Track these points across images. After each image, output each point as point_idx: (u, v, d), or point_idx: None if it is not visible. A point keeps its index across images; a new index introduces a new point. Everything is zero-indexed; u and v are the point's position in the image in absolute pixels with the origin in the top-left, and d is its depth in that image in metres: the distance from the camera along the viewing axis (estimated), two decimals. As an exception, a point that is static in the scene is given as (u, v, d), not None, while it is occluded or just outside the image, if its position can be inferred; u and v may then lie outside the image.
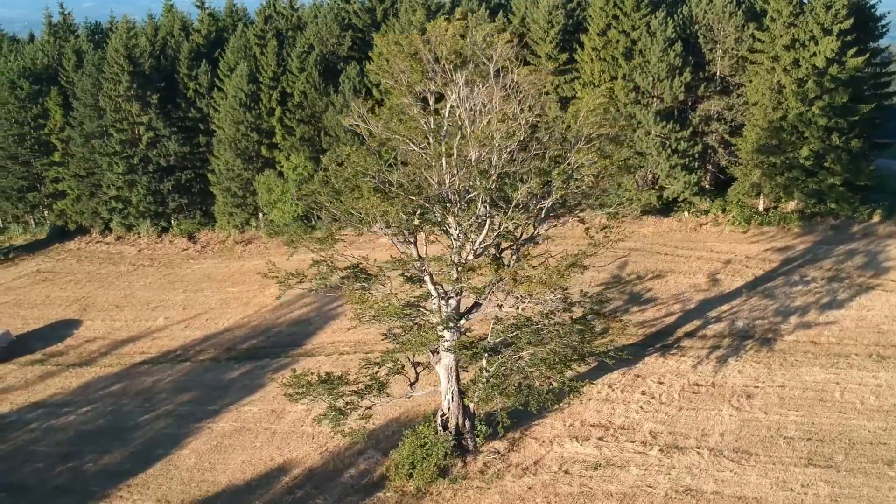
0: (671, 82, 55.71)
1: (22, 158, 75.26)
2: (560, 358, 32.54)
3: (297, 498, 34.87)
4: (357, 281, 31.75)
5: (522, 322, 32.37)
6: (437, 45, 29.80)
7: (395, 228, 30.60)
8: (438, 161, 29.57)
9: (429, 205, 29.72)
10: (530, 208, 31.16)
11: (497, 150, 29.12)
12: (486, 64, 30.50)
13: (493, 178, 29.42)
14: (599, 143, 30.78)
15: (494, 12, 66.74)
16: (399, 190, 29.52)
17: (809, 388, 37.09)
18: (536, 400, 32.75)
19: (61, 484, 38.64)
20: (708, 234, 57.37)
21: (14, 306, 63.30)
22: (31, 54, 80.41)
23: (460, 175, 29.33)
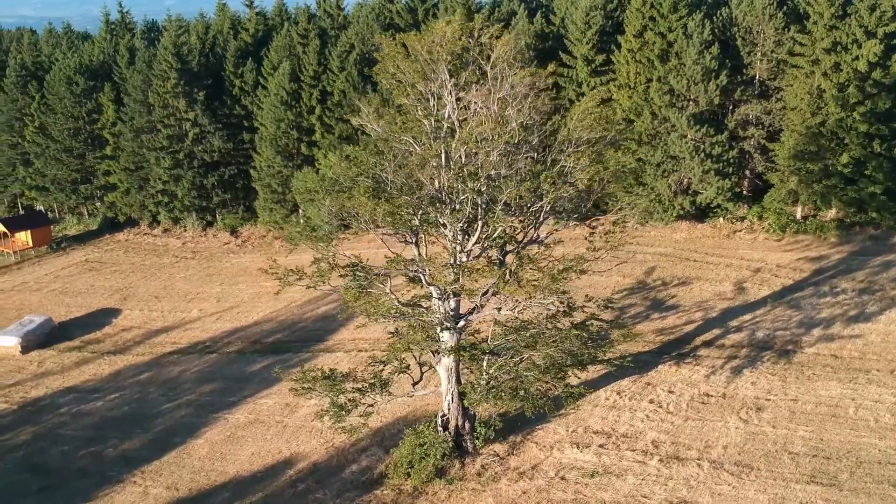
0: (706, 85, 54.58)
1: (76, 151, 78.11)
2: (557, 363, 32.32)
3: (298, 491, 35.48)
4: (355, 279, 32.05)
5: (519, 326, 32.26)
6: (434, 47, 29.87)
7: (391, 228, 30.84)
8: (430, 162, 29.69)
9: (423, 205, 29.86)
10: (524, 210, 30.99)
11: (484, 151, 29.07)
12: (484, 66, 30.41)
13: (480, 179, 29.37)
14: (594, 148, 30.34)
15: (533, 13, 66.39)
16: (393, 190, 29.76)
17: (823, 403, 36.00)
18: (532, 405, 32.60)
19: (83, 467, 40.10)
20: (741, 241, 56.05)
21: (60, 294, 65.80)
22: (88, 51, 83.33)
23: (449, 176, 29.39)
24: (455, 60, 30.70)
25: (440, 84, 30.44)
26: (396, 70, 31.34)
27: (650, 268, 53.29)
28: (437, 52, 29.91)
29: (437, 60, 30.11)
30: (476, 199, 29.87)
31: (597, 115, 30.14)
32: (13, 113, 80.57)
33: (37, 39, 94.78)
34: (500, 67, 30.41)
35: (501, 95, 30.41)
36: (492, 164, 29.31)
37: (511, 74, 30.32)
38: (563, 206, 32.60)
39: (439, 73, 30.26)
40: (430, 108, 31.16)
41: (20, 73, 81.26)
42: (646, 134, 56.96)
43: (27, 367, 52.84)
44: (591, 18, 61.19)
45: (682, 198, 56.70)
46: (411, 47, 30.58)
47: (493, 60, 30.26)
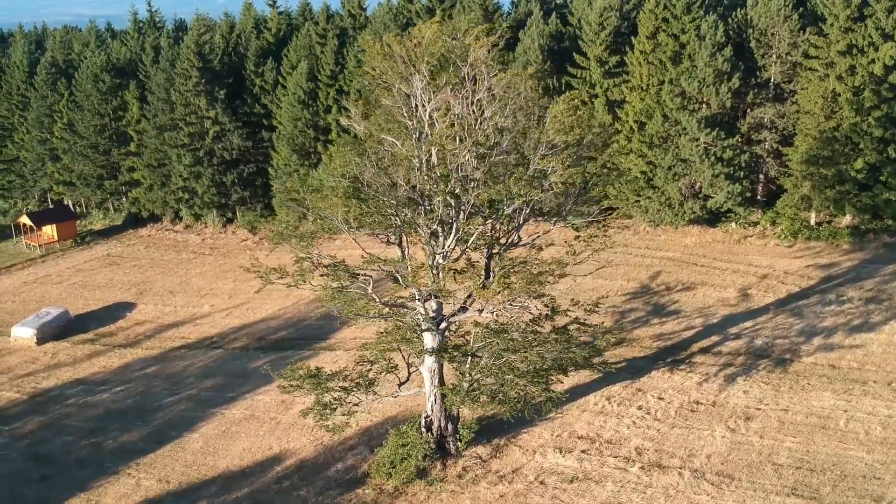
0: (718, 88, 53.79)
1: (102, 148, 79.71)
2: (536, 367, 32.18)
3: (283, 488, 35.86)
4: (336, 279, 32.29)
5: (499, 328, 32.18)
6: (412, 49, 29.94)
7: (368, 229, 31.02)
8: (403, 163, 29.79)
9: (398, 206, 29.96)
10: (499, 213, 30.91)
11: (451, 153, 29.06)
12: (462, 68, 30.39)
13: (452, 181, 29.36)
14: (568, 151, 30.09)
15: (550, 13, 66.05)
16: (371, 191, 29.92)
17: (814, 414, 35.32)
18: (510, 409, 32.54)
19: (83, 457, 40.96)
20: (751, 246, 55.17)
21: (80, 287, 67.28)
22: (116, 49, 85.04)
23: (420, 178, 29.45)
24: (434, 62, 30.68)
25: (416, 86, 30.47)
26: (376, 71, 31.47)
27: (656, 272, 52.74)
28: (414, 53, 29.93)
29: (415, 62, 30.13)
30: (450, 201, 29.88)
31: (569, 119, 29.79)
32: (43, 110, 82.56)
33: (71, 38, 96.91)
34: (478, 69, 30.27)
35: (479, 97, 30.32)
36: (463, 166, 29.28)
37: (489, 76, 30.16)
38: (541, 209, 32.37)
39: (416, 75, 30.27)
40: (410, 109, 31.23)
41: (50, 71, 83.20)
42: (657, 137, 56.34)
43: (41, 359, 54.12)
44: (606, 19, 60.71)
45: (693, 202, 55.96)
46: (390, 49, 30.66)
47: (470, 62, 30.13)
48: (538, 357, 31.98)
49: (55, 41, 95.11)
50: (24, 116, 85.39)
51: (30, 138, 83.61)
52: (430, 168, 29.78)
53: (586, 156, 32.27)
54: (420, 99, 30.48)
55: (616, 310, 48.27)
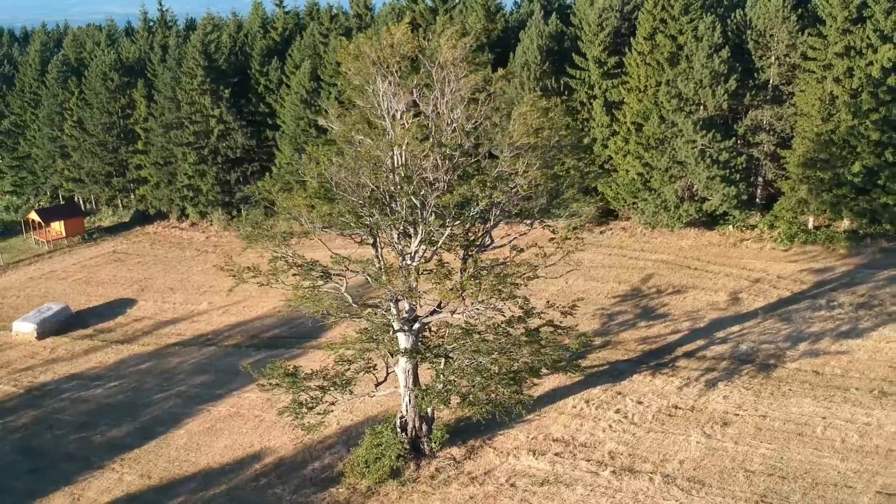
0: (714, 89, 53.33)
1: (110, 145, 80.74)
2: (505, 369, 32.15)
3: (260, 485, 36.18)
4: (308, 278, 32.52)
5: (467, 330, 32.20)
6: (380, 50, 30.03)
7: (338, 229, 31.21)
8: (369, 164, 29.91)
9: (364, 207, 30.08)
10: (464, 215, 30.90)
11: (412, 154, 29.12)
12: (430, 69, 30.43)
13: (414, 182, 29.41)
14: (534, 153, 30.00)
15: (550, 14, 65.79)
16: (339, 191, 30.08)
17: (792, 421, 34.97)
18: (480, 411, 32.56)
19: (71, 451, 41.61)
20: (747, 250, 54.64)
21: (83, 283, 68.17)
22: (126, 48, 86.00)
23: (383, 178, 29.55)
24: (406, 64, 30.75)
25: (380, 86, 30.60)
26: (350, 72, 31.62)
27: (648, 275, 52.45)
28: (382, 54, 30.01)
29: (385, 62, 30.20)
30: (415, 202, 29.95)
31: (536, 121, 29.69)
32: (54, 107, 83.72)
33: (83, 37, 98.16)
34: (447, 71, 30.26)
35: (447, 98, 30.33)
36: (424, 167, 29.32)
37: (456, 78, 30.14)
38: (510, 211, 32.32)
39: (379, 76, 30.39)
40: (381, 109, 31.35)
41: (61, 69, 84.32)
42: (654, 138, 56.00)
43: (40, 353, 54.95)
44: (605, 20, 60.39)
45: (689, 204, 55.53)
46: (359, 50, 30.76)
47: (439, 63, 30.14)
48: (508, 359, 31.97)
49: (68, 39, 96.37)
50: (35, 114, 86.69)
51: (41, 136, 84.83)
52: (393, 169, 29.86)
53: (559, 157, 32.13)
54: (385, 99, 30.56)
55: (604, 312, 48.09)
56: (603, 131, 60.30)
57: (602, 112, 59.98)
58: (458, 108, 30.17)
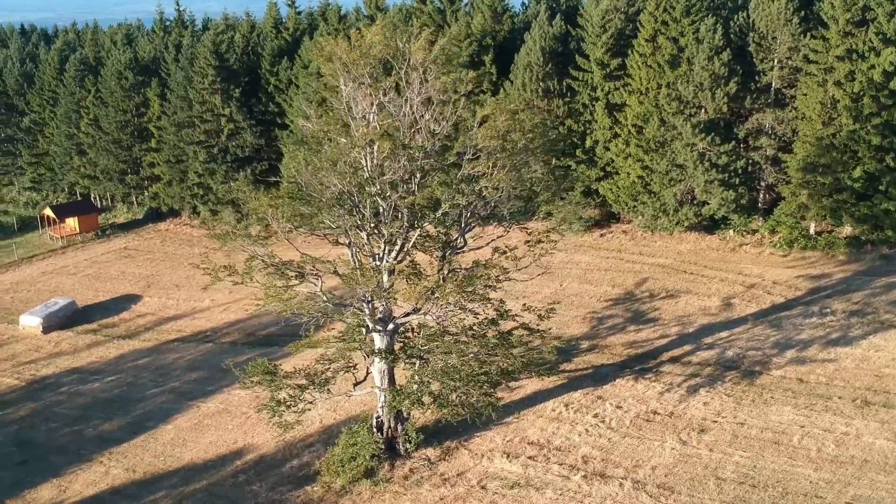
0: (714, 92, 52.81)
1: (124, 143, 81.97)
2: (475, 371, 32.19)
3: (238, 482, 36.61)
4: (282, 278, 32.85)
5: (436, 332, 32.33)
6: (348, 51, 30.23)
7: (306, 228, 31.54)
8: (330, 164, 30.15)
9: (328, 207, 30.33)
10: (431, 216, 31.03)
11: (368, 155, 29.28)
12: (400, 71, 30.57)
13: (376, 184, 29.57)
14: (498, 156, 29.98)
15: (558, 15, 65.51)
16: (305, 190, 30.36)
17: (769, 429, 34.59)
18: (450, 412, 32.66)
19: (63, 444, 42.36)
20: (745, 255, 54.07)
21: (92, 279, 69.31)
22: (143, 47, 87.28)
23: (346, 180, 29.75)
24: (377, 65, 30.91)
25: (344, 87, 30.85)
26: (323, 72, 31.91)
27: (643, 278, 52.12)
28: (350, 56, 30.20)
29: (355, 64, 30.38)
30: (380, 202, 30.13)
31: (505, 124, 29.67)
32: (71, 105, 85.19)
33: (104, 36, 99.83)
34: (416, 73, 30.35)
35: (419, 100, 30.44)
36: (389, 169, 29.48)
37: (424, 80, 30.21)
38: (479, 213, 32.33)
39: (343, 77, 30.65)
40: (352, 111, 31.58)
41: (79, 68, 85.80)
42: (654, 141, 55.61)
43: (44, 347, 56.00)
44: (608, 21, 60.06)
45: (688, 208, 55.06)
46: (331, 51, 30.99)
47: (409, 65, 30.24)
48: (479, 361, 32.03)
49: (87, 38, 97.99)
50: (54, 112, 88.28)
51: (58, 133, 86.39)
52: (355, 170, 30.07)
53: (531, 160, 32.02)
54: (352, 101, 30.79)
55: (595, 316, 47.89)
56: (605, 133, 60.01)
57: (604, 114, 59.69)
58: (427, 110, 30.25)
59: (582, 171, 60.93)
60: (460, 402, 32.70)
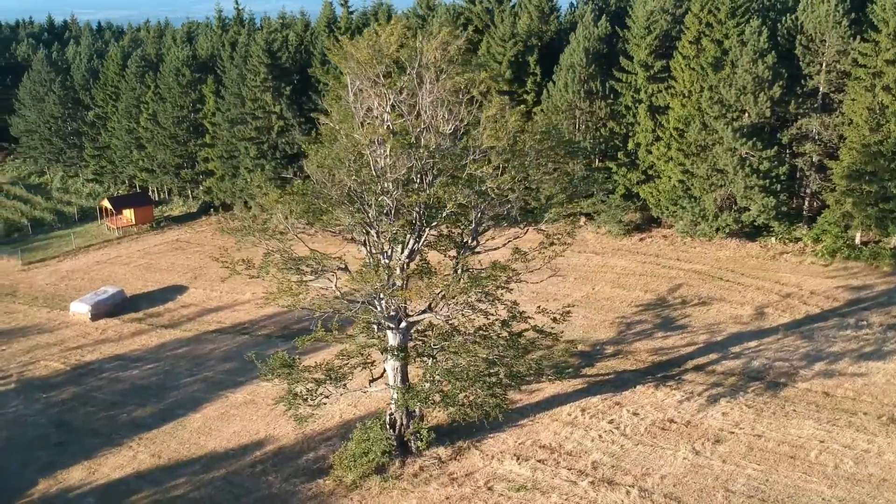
0: (756, 96, 51.52)
1: (180, 138, 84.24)
2: (483, 372, 32.25)
3: (255, 472, 37.46)
4: (297, 272, 33.47)
5: (449, 331, 32.47)
6: (362, 49, 30.57)
7: (320, 226, 32.05)
8: (338, 162, 30.55)
9: (338, 205, 30.75)
10: (438, 217, 31.18)
11: (375, 153, 29.53)
12: (411, 71, 30.77)
13: (380, 183, 29.83)
14: (509, 156, 29.88)
15: (606, 15, 64.82)
16: (316, 187, 30.85)
17: (787, 443, 33.73)
18: (456, 412, 32.77)
19: (97, 428, 43.95)
20: (785, 263, 52.62)
21: (143, 269, 71.51)
22: (202, 45, 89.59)
23: (352, 179, 30.09)
24: (391, 64, 31.18)
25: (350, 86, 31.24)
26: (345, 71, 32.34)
27: (677, 284, 51.25)
28: (362, 56, 30.54)
29: (367, 64, 30.71)
30: (387, 200, 30.41)
31: (515, 124, 29.59)
32: (131, 101, 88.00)
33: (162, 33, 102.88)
34: (429, 72, 30.49)
35: (430, 100, 30.59)
36: (388, 168, 29.71)
37: (435, 79, 30.32)
38: (486, 213, 32.27)
39: (349, 76, 31.06)
40: (359, 109, 31.98)
41: (140, 65, 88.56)
42: (695, 145, 54.59)
43: (91, 333, 58.07)
44: (653, 22, 59.16)
45: (727, 214, 53.88)
46: (348, 51, 31.37)
47: (422, 65, 30.40)
48: (485, 362, 32.06)
49: (150, 35, 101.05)
50: (115, 107, 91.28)
51: (119, 127, 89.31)
52: (360, 167, 30.41)
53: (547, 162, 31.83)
54: (356, 99, 31.18)
55: (623, 321, 47.33)
56: (647, 136, 59.18)
57: (646, 117, 58.86)
58: (440, 110, 30.37)
59: (623, 173, 60.23)
60: (468, 402, 32.77)
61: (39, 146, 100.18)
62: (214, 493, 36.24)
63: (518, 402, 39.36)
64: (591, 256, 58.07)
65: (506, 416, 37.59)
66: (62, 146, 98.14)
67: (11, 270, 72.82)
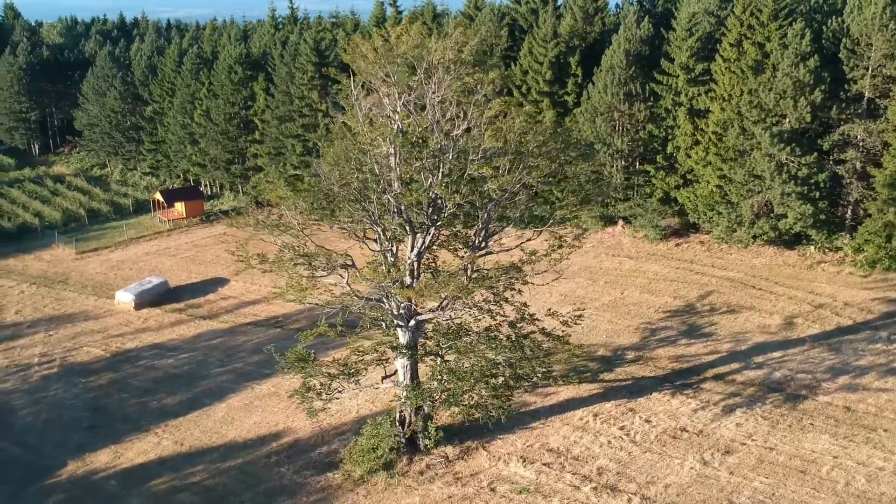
0: (796, 101, 50.18)
1: (231, 134, 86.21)
2: (487, 373, 32.33)
3: (270, 462, 38.29)
4: (308, 268, 34.08)
5: (455, 331, 32.66)
6: (378, 48, 30.93)
7: (328, 223, 32.60)
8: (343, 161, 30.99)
9: (348, 202, 31.23)
10: (441, 217, 31.33)
11: (373, 154, 29.84)
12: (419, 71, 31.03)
13: (382, 182, 30.14)
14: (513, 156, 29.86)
15: (647, 16, 63.92)
16: (325, 184, 31.39)
17: (799, 457, 32.93)
18: (461, 412, 32.93)
19: (128, 414, 45.44)
20: (822, 273, 51.18)
21: (189, 262, 73.45)
22: (255, 43, 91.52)
23: (355, 177, 30.48)
24: (402, 64, 31.49)
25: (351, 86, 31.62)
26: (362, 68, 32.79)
27: (707, 291, 50.34)
28: (371, 55, 30.92)
29: (377, 63, 31.08)
30: (388, 198, 30.75)
31: (521, 125, 29.56)
32: (186, 97, 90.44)
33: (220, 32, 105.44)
34: (437, 73, 30.68)
35: (437, 100, 30.79)
36: (384, 168, 30.03)
37: (441, 80, 30.49)
38: (491, 214, 32.32)
39: (352, 76, 31.46)
40: (361, 109, 32.44)
41: (195, 62, 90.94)
42: (733, 150, 53.50)
43: (134, 322, 59.95)
44: (695, 24, 58.14)
45: (764, 221, 52.63)
46: (361, 51, 31.79)
47: (433, 65, 30.60)
48: (488, 363, 32.13)
49: (207, 33, 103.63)
50: (171, 102, 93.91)
51: (174, 122, 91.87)
52: (360, 166, 30.78)
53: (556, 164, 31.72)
54: (358, 99, 31.58)
55: (648, 326, 46.73)
56: (686, 140, 58.22)
57: (686, 120, 57.91)
58: (448, 109, 30.56)
59: (661, 177, 59.40)
60: (472, 402, 32.90)
61: (100, 139, 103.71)
62: (229, 481, 37.16)
63: (532, 404, 39.33)
64: (625, 260, 57.43)
65: (518, 418, 37.70)
66: (121, 140, 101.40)
67: (66, 259, 75.60)
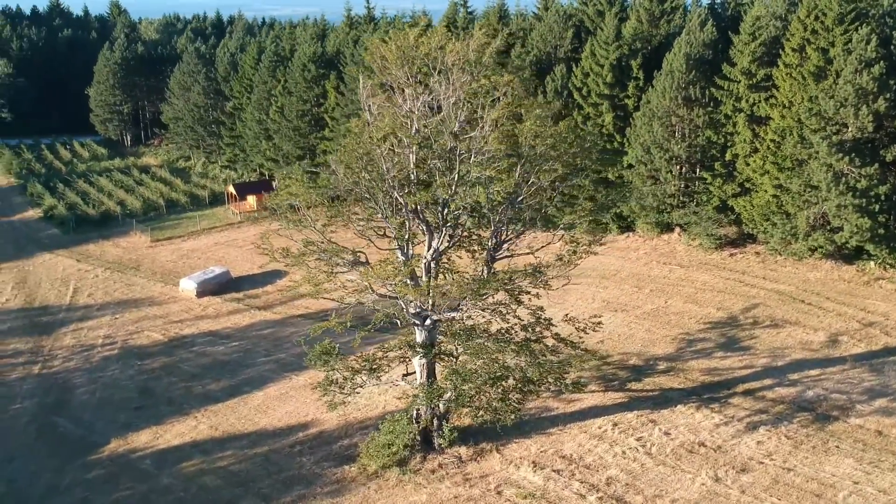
0: (858, 109, 48.03)
1: (302, 131, 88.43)
2: (494, 375, 32.42)
3: (293, 452, 39.41)
4: (328, 264, 34.92)
5: (468, 332, 32.87)
6: (392, 49, 31.41)
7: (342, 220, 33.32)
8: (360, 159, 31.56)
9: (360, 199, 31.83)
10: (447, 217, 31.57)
11: (381, 154, 30.22)
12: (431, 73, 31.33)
13: (387, 181, 30.54)
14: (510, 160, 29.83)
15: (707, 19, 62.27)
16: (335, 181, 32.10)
17: (817, 480, 31.74)
18: (470, 413, 33.13)
19: (174, 397, 47.46)
20: (878, 290, 48.83)
21: (253, 253, 75.54)
22: (331, 42, 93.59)
23: (362, 176, 30.98)
24: (420, 64, 31.88)
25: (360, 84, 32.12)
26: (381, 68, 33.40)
27: (753, 304, 48.77)
28: (389, 56, 31.40)
29: (393, 64, 31.55)
30: (397, 197, 31.17)
31: (538, 128, 29.49)
32: (263, 94, 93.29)
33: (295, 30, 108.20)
34: (450, 73, 30.89)
35: (454, 100, 31.00)
36: (389, 168, 30.41)
37: (452, 80, 30.67)
38: (503, 216, 32.32)
39: (363, 75, 31.93)
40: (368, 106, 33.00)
41: (272, 59, 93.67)
42: (791, 159, 51.64)
43: (194, 309, 62.39)
44: (758, 28, 56.33)
45: (820, 233, 50.59)
46: (378, 52, 32.32)
47: (446, 66, 30.86)
48: (499, 366, 32.22)
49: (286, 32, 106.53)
50: (249, 98, 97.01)
51: (251, 118, 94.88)
52: (367, 164, 31.27)
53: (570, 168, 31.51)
54: (369, 96, 32.11)
55: (686, 337, 45.70)
56: (744, 147, 56.51)
57: (745, 127, 56.20)
58: (461, 110, 30.75)
59: (718, 185, 57.89)
60: (481, 404, 33.08)
61: (184, 133, 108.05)
62: (252, 468, 38.41)
63: (554, 409, 39.18)
64: (675, 269, 56.24)
65: (537, 422, 37.66)
66: (203, 133, 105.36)
67: (140, 246, 79.20)
